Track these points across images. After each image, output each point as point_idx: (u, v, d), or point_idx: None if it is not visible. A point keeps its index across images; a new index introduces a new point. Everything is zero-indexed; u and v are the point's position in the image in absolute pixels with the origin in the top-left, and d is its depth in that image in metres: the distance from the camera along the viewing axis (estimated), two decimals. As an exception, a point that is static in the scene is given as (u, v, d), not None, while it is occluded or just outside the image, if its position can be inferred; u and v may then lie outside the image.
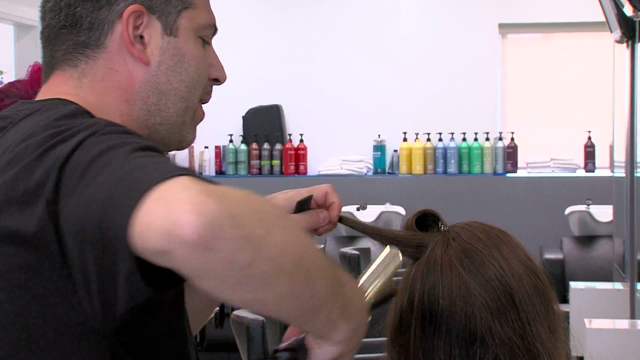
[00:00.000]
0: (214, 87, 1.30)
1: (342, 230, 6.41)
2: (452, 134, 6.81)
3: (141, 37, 1.12)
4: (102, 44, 1.12)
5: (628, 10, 3.69)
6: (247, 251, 0.85)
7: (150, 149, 0.96)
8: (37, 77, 1.54)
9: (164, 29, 1.14)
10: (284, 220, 0.94)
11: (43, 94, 1.13)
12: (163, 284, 0.90)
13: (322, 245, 6.10)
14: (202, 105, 1.23)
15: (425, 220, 1.20)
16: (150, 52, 1.13)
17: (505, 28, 7.11)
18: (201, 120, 1.22)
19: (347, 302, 0.97)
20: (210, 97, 1.22)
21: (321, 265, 0.93)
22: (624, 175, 4.53)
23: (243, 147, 7.11)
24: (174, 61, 1.15)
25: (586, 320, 3.56)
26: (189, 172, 0.90)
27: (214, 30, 1.20)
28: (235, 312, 3.08)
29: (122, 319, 0.94)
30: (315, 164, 7.08)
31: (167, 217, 0.83)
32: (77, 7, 1.11)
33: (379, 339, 1.22)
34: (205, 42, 1.18)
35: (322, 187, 1.23)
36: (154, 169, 0.90)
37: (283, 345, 1.03)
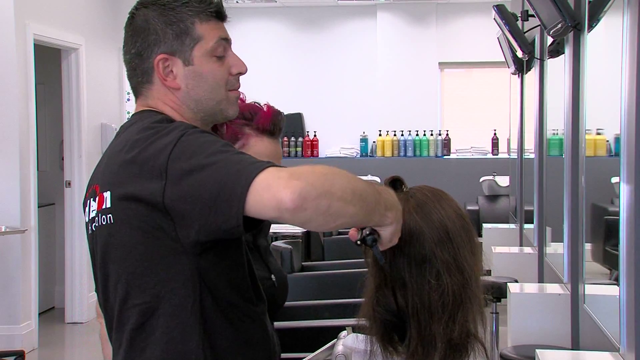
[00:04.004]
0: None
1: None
2: (410, 131, 7.70)
3: (171, 71, 1.31)
4: (152, 80, 1.34)
5: (519, 53, 4.06)
6: (324, 201, 1.07)
7: (228, 144, 1.17)
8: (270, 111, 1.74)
9: (183, 63, 1.32)
10: (339, 174, 1.12)
11: (141, 105, 1.37)
12: (248, 228, 1.13)
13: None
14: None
15: (395, 184, 1.33)
16: (179, 80, 1.32)
17: (443, 65, 7.91)
18: (238, 98, 1.38)
19: (387, 201, 1.18)
20: (239, 85, 1.37)
21: (366, 189, 1.14)
22: (516, 157, 5.14)
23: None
24: (195, 80, 1.33)
25: (492, 247, 4.06)
26: (268, 163, 1.11)
27: (225, 42, 1.34)
28: (272, 244, 3.29)
29: (212, 246, 1.18)
30: (324, 150, 7.93)
31: (274, 199, 1.07)
32: (133, 63, 1.35)
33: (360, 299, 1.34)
34: (221, 54, 1.31)
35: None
36: (248, 162, 1.10)
37: (361, 235, 1.19)
